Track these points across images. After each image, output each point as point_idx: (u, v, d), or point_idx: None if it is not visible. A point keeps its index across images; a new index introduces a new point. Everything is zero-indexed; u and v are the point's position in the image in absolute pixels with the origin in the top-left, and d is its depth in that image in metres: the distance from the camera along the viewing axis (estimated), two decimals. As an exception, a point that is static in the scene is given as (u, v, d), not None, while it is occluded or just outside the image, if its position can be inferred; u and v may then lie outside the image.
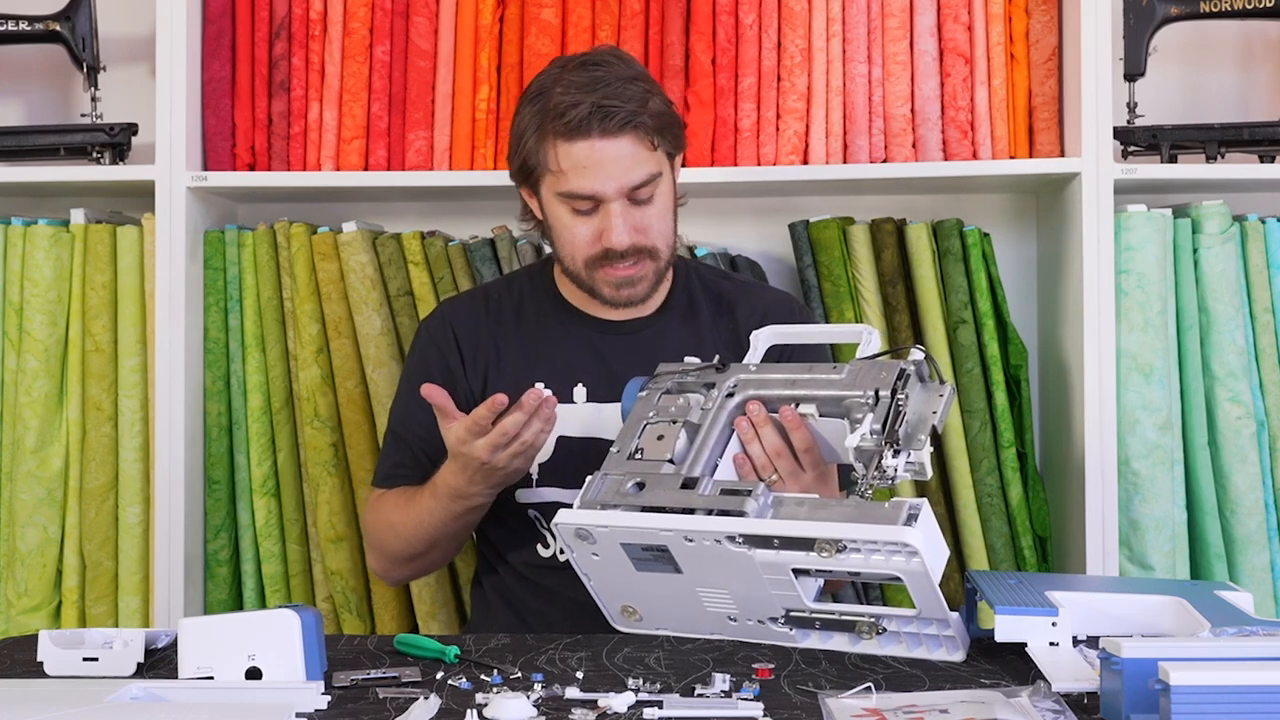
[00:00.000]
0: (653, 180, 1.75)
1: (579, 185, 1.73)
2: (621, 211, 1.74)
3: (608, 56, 1.78)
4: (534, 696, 1.29)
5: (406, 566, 1.89)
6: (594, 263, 1.78)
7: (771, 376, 1.61)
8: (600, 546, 1.49)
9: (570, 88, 1.72)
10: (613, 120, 1.71)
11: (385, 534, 1.86)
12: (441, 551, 1.86)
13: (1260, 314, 2.19)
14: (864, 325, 1.71)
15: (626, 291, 1.80)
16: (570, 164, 1.73)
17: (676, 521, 1.45)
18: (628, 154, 1.73)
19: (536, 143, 1.75)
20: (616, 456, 1.57)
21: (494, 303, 1.93)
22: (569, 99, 1.71)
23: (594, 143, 1.71)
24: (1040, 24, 2.24)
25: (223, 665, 1.34)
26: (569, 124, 1.71)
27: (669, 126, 1.77)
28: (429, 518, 1.77)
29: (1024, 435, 2.22)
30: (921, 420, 1.49)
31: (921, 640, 1.44)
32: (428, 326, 1.95)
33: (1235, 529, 2.16)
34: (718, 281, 1.95)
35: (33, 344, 2.27)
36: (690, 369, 1.66)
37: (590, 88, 1.72)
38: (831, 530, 1.39)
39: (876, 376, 1.53)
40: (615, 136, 1.72)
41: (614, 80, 1.73)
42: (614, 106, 1.71)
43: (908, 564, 1.37)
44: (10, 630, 2.25)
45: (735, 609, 1.49)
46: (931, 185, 2.35)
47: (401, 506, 1.82)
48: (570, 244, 1.79)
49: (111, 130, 2.28)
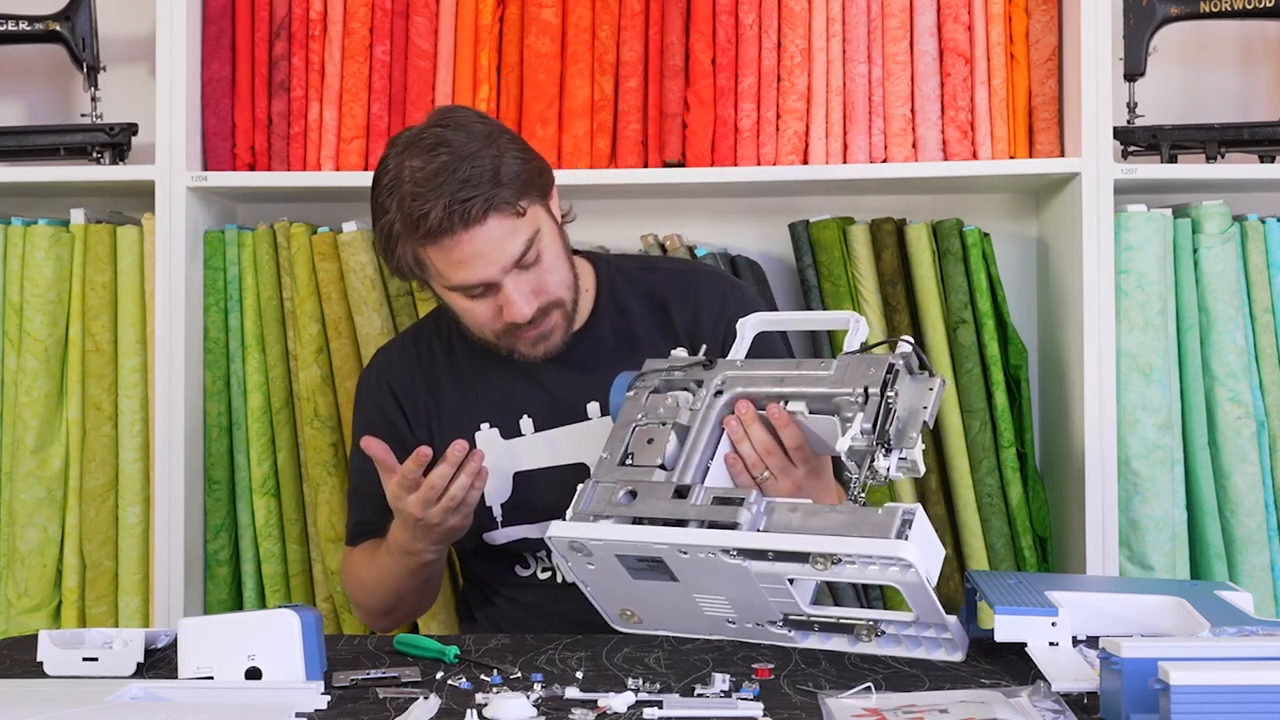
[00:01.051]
0: (532, 243, 1.69)
1: (463, 277, 1.68)
2: (514, 285, 1.69)
3: (446, 134, 1.68)
4: (534, 696, 1.29)
5: (386, 619, 1.91)
6: (504, 334, 1.75)
7: (759, 373, 1.59)
8: (595, 558, 1.49)
9: (420, 185, 1.65)
10: (470, 212, 1.63)
11: (357, 591, 1.89)
12: (412, 604, 1.88)
13: (1260, 314, 2.19)
14: (850, 313, 1.68)
15: (543, 346, 1.77)
16: (445, 263, 1.68)
17: (669, 535, 1.44)
18: (498, 236, 1.66)
19: (406, 251, 1.70)
20: (607, 462, 1.56)
21: (424, 346, 1.91)
22: (420, 204, 1.64)
23: (460, 238, 1.65)
24: (1040, 24, 2.24)
25: (222, 665, 1.34)
26: (430, 231, 1.64)
27: (529, 181, 1.70)
28: (388, 574, 1.79)
29: (1024, 435, 2.22)
30: (912, 416, 1.48)
31: (920, 642, 1.44)
32: (365, 382, 1.94)
33: (1235, 529, 2.16)
34: (643, 275, 1.90)
35: (33, 344, 2.27)
36: (677, 365, 1.64)
37: (437, 182, 1.64)
38: (826, 545, 1.38)
39: (865, 373, 1.51)
40: (477, 225, 1.65)
41: (459, 161, 1.65)
42: (468, 198, 1.63)
43: (903, 575, 1.37)
44: (10, 630, 2.25)
45: (733, 613, 1.49)
46: (931, 185, 2.35)
47: (366, 563, 1.84)
48: (475, 323, 1.75)
49: (111, 130, 2.28)
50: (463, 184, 1.64)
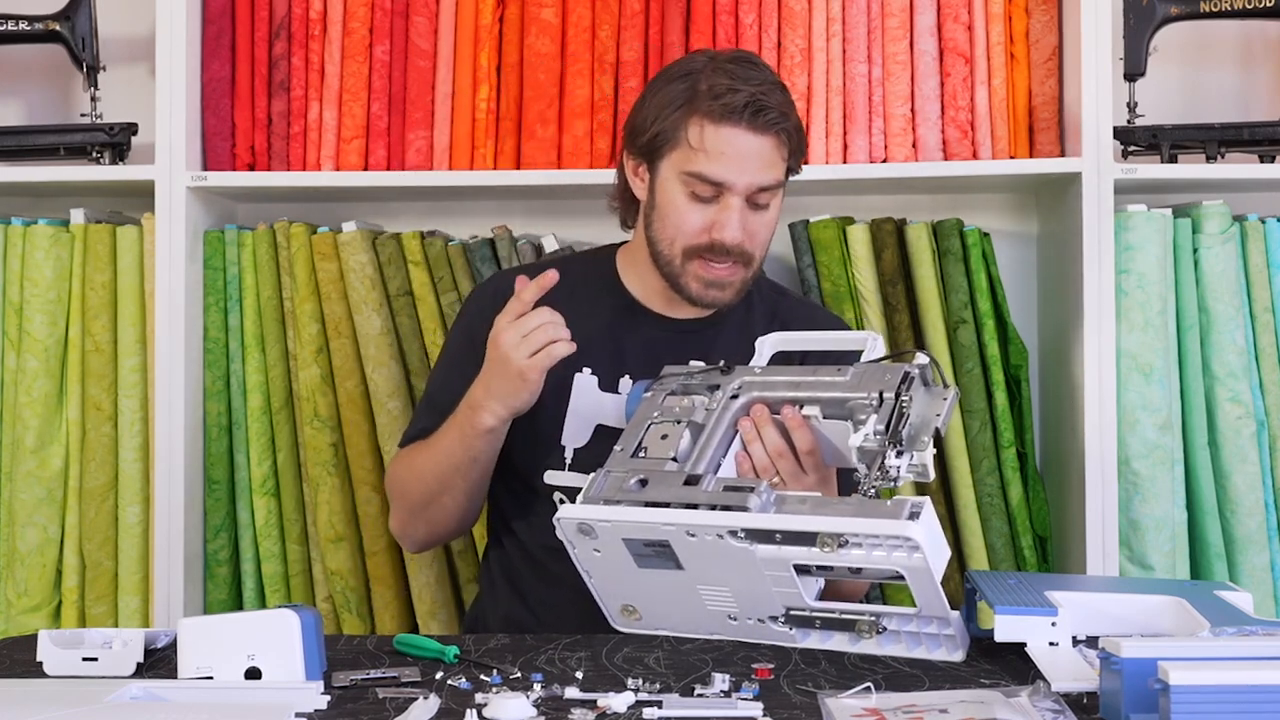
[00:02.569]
0: (777, 187, 1.75)
1: (713, 170, 1.72)
2: (741, 210, 1.73)
3: (758, 60, 1.80)
4: (533, 696, 1.29)
5: (423, 517, 1.85)
6: (693, 253, 1.76)
7: (776, 379, 1.61)
8: (602, 542, 1.49)
9: (725, 74, 1.73)
10: (765, 117, 1.71)
11: (406, 477, 1.85)
12: (454, 499, 1.81)
13: (1260, 314, 2.19)
14: (869, 332, 1.71)
15: (714, 293, 1.78)
16: (712, 146, 1.71)
17: (679, 516, 1.45)
18: (767, 154, 1.73)
19: (681, 116, 1.73)
20: (620, 455, 1.57)
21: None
22: (726, 83, 1.71)
23: (742, 132, 1.71)
24: (1040, 24, 2.24)
25: (222, 665, 1.34)
26: (725, 106, 1.70)
27: (800, 145, 1.79)
28: (445, 451, 1.77)
29: (1024, 435, 2.22)
30: (924, 422, 1.50)
31: (921, 640, 1.44)
32: (476, 298, 1.92)
33: (1235, 529, 2.16)
34: (774, 297, 1.93)
35: (33, 344, 2.27)
36: (695, 371, 1.66)
37: (746, 79, 1.72)
38: (834, 525, 1.39)
39: (881, 379, 1.54)
40: (762, 133, 1.72)
41: (767, 81, 1.75)
42: (768, 105, 1.71)
43: (909, 559, 1.38)
44: (10, 630, 2.25)
45: (736, 607, 1.49)
46: (931, 185, 2.35)
47: (424, 449, 1.83)
48: (676, 227, 1.76)
49: (111, 130, 2.28)
50: (767, 93, 1.72)
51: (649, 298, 1.86)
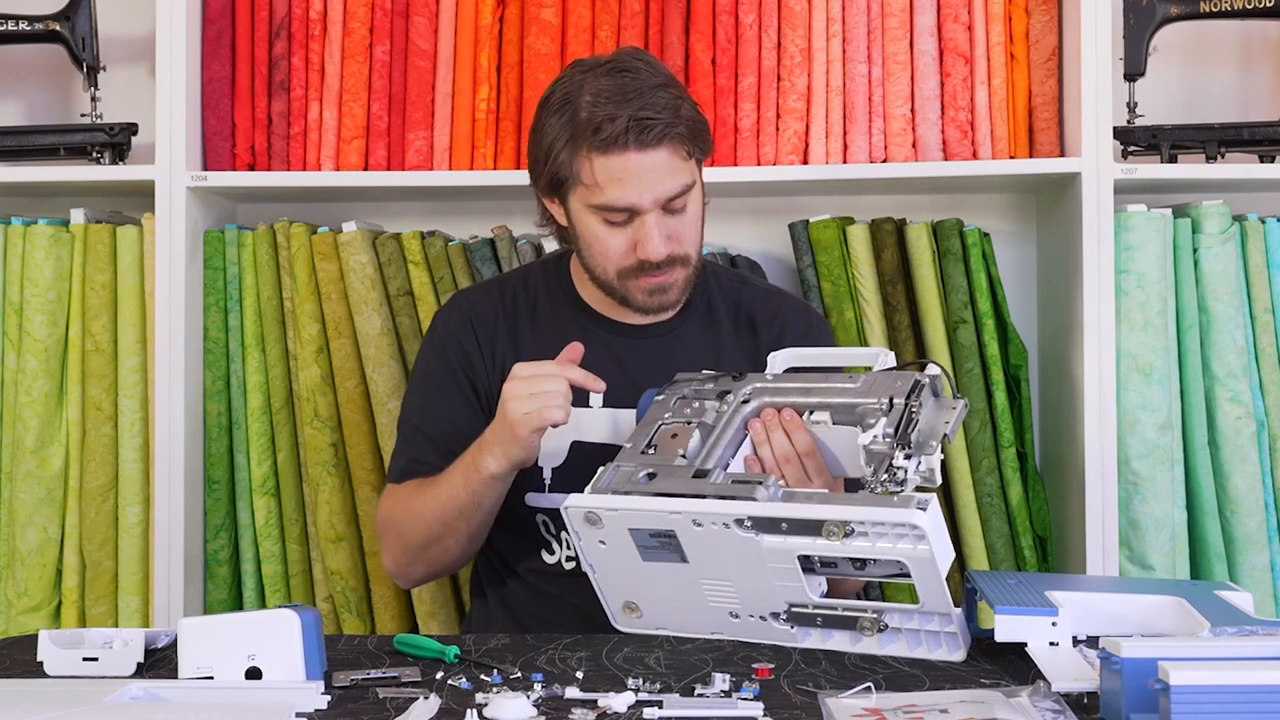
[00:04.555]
0: (687, 190, 1.73)
1: (615, 198, 1.70)
2: (656, 222, 1.71)
3: (634, 61, 1.73)
4: (534, 696, 1.29)
5: (421, 559, 1.81)
6: (627, 273, 1.76)
7: (787, 385, 1.63)
8: (608, 533, 1.50)
9: (601, 98, 1.68)
10: (650, 133, 1.66)
11: (405, 517, 1.80)
12: (456, 541, 1.78)
13: (1260, 314, 2.19)
14: (879, 349, 1.72)
15: (659, 299, 1.78)
16: (605, 177, 1.68)
17: (686, 505, 1.45)
18: (664, 165, 1.69)
19: (569, 156, 1.70)
20: (629, 450, 1.58)
21: (509, 298, 1.89)
22: (603, 111, 1.67)
23: (630, 156, 1.67)
24: (1040, 24, 2.24)
25: (223, 665, 1.34)
26: (605, 139, 1.66)
27: (700, 133, 1.74)
28: (449, 493, 1.73)
29: (1024, 435, 2.22)
30: (932, 430, 1.52)
31: (922, 638, 1.44)
32: (444, 318, 1.91)
33: (1235, 529, 2.16)
34: (736, 287, 1.92)
35: (33, 344, 2.27)
36: (707, 377, 1.67)
37: (622, 98, 1.67)
38: (840, 513, 1.40)
39: (891, 385, 1.55)
40: (652, 149, 1.68)
41: (645, 89, 1.68)
42: (650, 119, 1.66)
43: (914, 549, 1.38)
44: (10, 630, 2.25)
45: (738, 603, 1.49)
46: (931, 185, 2.35)
47: (424, 489, 1.78)
48: (602, 255, 1.76)
49: (111, 130, 2.28)
50: (646, 105, 1.67)
51: (606, 307, 1.86)
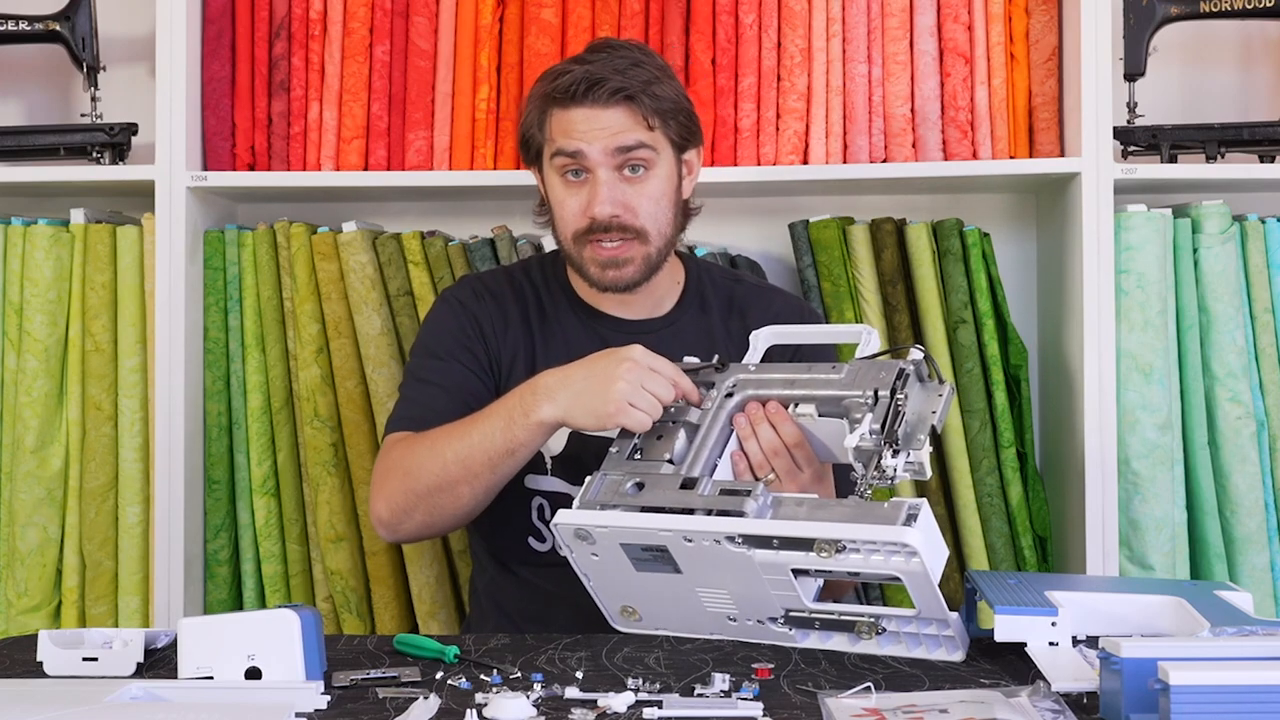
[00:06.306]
0: (641, 149, 1.74)
1: (567, 144, 1.75)
2: (608, 181, 1.75)
3: (630, 47, 1.80)
4: (534, 696, 1.29)
5: (425, 505, 1.70)
6: (582, 237, 1.77)
7: (770, 376, 1.61)
8: (600, 547, 1.49)
9: (573, 62, 1.77)
10: (602, 88, 1.73)
11: (420, 457, 1.70)
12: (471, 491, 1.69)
13: (1260, 314, 2.19)
14: (863, 325, 1.71)
15: (612, 273, 1.78)
16: (559, 129, 1.76)
17: (676, 522, 1.45)
18: (616, 123, 1.74)
19: (540, 116, 1.78)
20: (616, 456, 1.57)
21: (517, 284, 1.91)
22: (565, 70, 1.76)
23: (585, 109, 1.74)
24: (1040, 24, 2.24)
25: (222, 665, 1.34)
26: (564, 91, 1.74)
27: (674, 114, 1.77)
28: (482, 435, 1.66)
29: (1024, 435, 2.22)
30: (921, 420, 1.50)
31: (921, 640, 1.44)
32: (457, 294, 1.90)
33: (1235, 529, 2.16)
34: (728, 285, 1.93)
35: (33, 344, 2.27)
36: (690, 368, 1.66)
37: (589, 62, 1.75)
38: (831, 531, 1.39)
39: (876, 376, 1.53)
40: (606, 106, 1.74)
41: (620, 60, 1.75)
42: (606, 77, 1.73)
43: (907, 564, 1.37)
44: (10, 630, 2.25)
45: (735, 609, 1.49)
46: (931, 185, 2.35)
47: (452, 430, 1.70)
48: (562, 219, 1.79)
49: (111, 130, 2.28)
50: (612, 70, 1.74)
51: (600, 300, 1.86)
